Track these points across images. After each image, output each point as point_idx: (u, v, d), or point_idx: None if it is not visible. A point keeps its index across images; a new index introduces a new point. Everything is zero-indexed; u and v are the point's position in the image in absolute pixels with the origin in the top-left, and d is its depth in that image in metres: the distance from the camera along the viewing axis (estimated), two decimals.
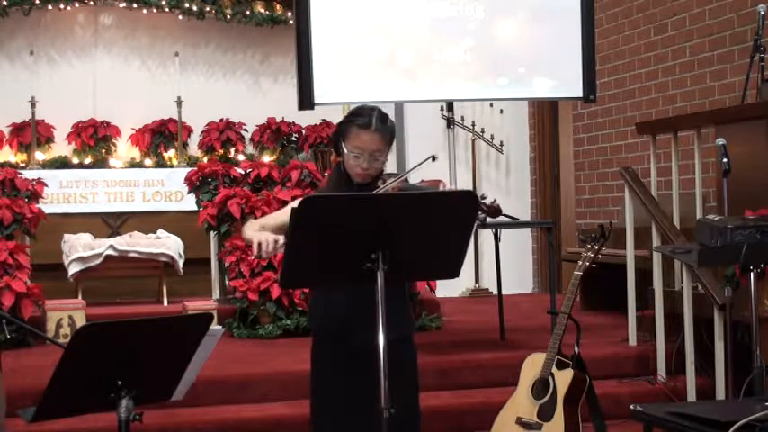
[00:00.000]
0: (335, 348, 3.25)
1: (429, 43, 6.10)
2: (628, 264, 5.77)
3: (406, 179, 3.31)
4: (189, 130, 9.85)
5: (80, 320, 6.37)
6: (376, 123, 3.18)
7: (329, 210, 2.73)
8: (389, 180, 3.24)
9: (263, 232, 3.11)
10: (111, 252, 7.59)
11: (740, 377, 4.51)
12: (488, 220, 3.46)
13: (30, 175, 7.80)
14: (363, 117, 3.20)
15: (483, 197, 3.29)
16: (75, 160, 9.49)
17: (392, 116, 3.36)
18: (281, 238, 3.03)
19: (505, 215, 3.34)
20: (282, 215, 3.20)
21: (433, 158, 3.33)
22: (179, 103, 9.42)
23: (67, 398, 2.57)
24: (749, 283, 3.71)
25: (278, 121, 9.97)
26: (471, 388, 5.33)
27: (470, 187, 8.51)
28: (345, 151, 3.20)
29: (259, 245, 3.03)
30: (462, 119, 8.59)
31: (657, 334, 5.45)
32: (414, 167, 3.30)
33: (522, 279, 9.03)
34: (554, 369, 4.32)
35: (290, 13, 9.18)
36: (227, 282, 7.12)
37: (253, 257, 5.22)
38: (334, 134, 3.34)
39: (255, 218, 6.91)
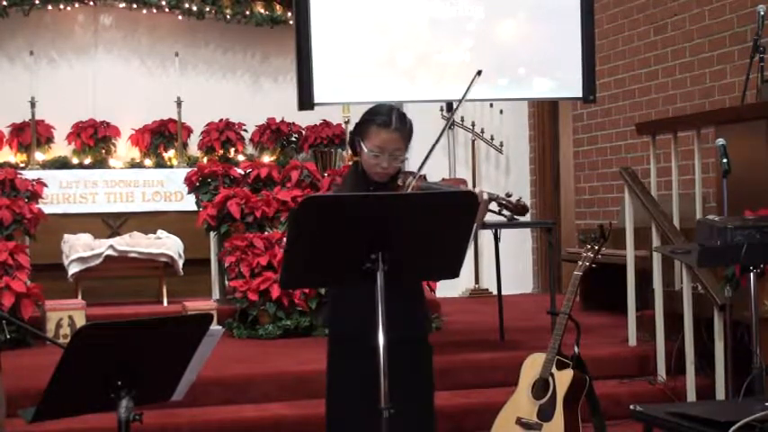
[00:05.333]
0: (354, 348, 3.24)
1: (429, 43, 6.10)
2: (628, 264, 5.77)
3: (424, 177, 3.30)
4: (189, 131, 9.85)
5: (80, 321, 6.36)
6: (395, 122, 3.18)
7: (329, 210, 2.73)
8: (409, 179, 3.24)
9: None
10: (110, 252, 7.59)
11: (740, 377, 4.51)
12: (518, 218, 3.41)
13: (29, 175, 7.80)
14: (382, 116, 3.19)
15: (509, 195, 3.28)
16: (75, 160, 9.49)
17: None
18: None
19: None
20: None
21: (479, 73, 3.27)
22: (179, 103, 9.42)
23: (67, 398, 2.57)
24: (749, 284, 3.70)
25: (278, 121, 9.97)
26: (471, 388, 5.33)
27: (470, 187, 8.49)
28: (365, 150, 3.19)
29: None
30: (462, 119, 8.60)
31: (657, 334, 5.45)
32: (469, 86, 3.24)
33: (521, 279, 9.03)
34: (554, 369, 4.32)
35: (289, 14, 9.18)
36: (226, 282, 7.12)
37: None
38: (351, 134, 3.33)
39: (255, 218, 6.95)
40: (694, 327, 5.19)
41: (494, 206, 3.28)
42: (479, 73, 3.32)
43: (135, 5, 9.69)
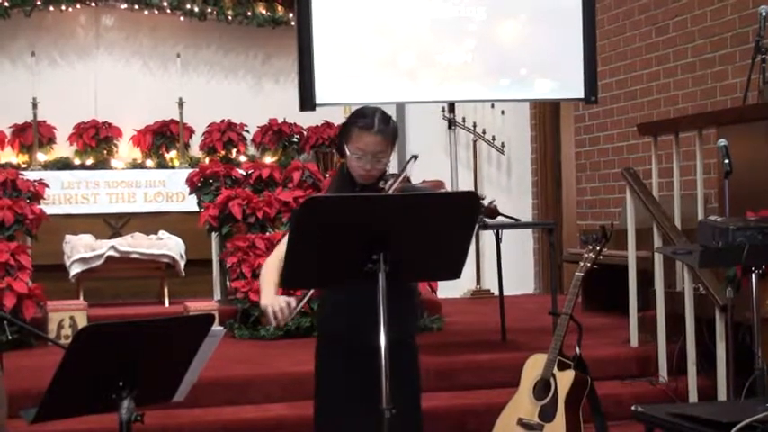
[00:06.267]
0: (342, 349, 3.25)
1: (430, 44, 6.10)
2: (629, 265, 5.77)
3: (408, 179, 3.32)
4: (190, 131, 9.85)
5: (81, 321, 6.37)
6: (378, 125, 3.19)
7: (330, 211, 2.73)
8: (390, 181, 3.25)
9: (275, 297, 3.11)
10: (112, 253, 7.59)
11: (742, 378, 4.51)
12: (488, 220, 3.46)
13: (31, 176, 7.80)
14: (365, 118, 3.21)
15: (482, 198, 3.30)
16: (77, 161, 9.48)
17: (393, 117, 3.38)
18: (293, 301, 3.08)
19: (506, 216, 3.35)
20: None
21: (415, 158, 3.37)
22: (180, 104, 9.42)
23: (69, 399, 2.58)
24: (750, 284, 3.70)
25: (279, 122, 9.97)
26: (472, 389, 5.33)
27: (472, 188, 8.50)
28: (348, 153, 3.21)
29: (274, 314, 3.06)
30: (464, 120, 8.60)
31: (659, 335, 5.45)
32: (403, 169, 3.32)
33: (523, 280, 9.02)
34: (555, 370, 4.32)
35: (291, 14, 9.17)
36: (228, 283, 7.12)
37: (271, 326, 5.31)
38: (337, 136, 3.35)
39: (257, 218, 6.94)
40: (696, 327, 5.20)
41: None
42: (415, 158, 3.41)
43: (136, 6, 9.69)
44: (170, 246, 7.75)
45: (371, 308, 2.78)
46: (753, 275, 3.66)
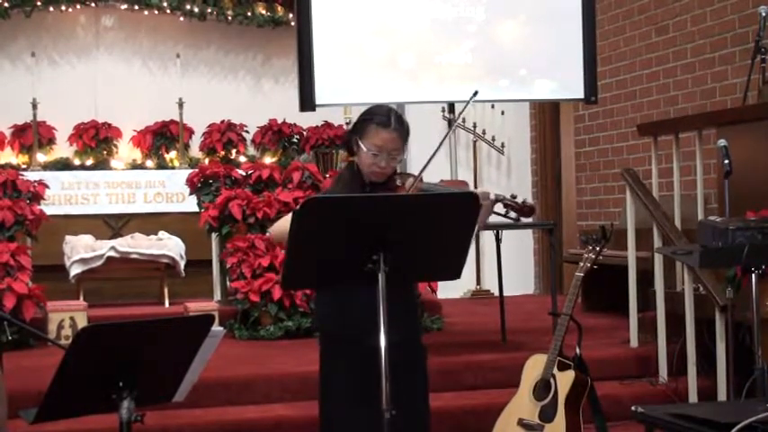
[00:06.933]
0: (347, 349, 3.24)
1: (430, 45, 6.10)
2: (629, 265, 5.77)
3: (421, 179, 3.31)
4: (190, 132, 9.85)
5: (82, 322, 6.36)
6: (394, 122, 3.21)
7: (330, 211, 2.73)
8: (409, 180, 3.25)
9: None
10: (112, 253, 7.58)
11: (742, 378, 4.51)
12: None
13: (31, 176, 7.80)
14: (382, 116, 3.22)
15: (514, 197, 3.29)
16: (77, 162, 9.49)
17: None
18: None
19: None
20: None
21: (476, 93, 3.35)
22: (180, 104, 9.42)
23: (69, 399, 2.58)
24: (750, 285, 3.70)
25: (279, 122, 9.97)
26: (472, 389, 5.33)
27: (472, 188, 8.49)
28: (364, 149, 3.20)
29: None
30: (464, 120, 8.60)
31: (659, 335, 5.44)
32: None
33: (523, 280, 9.02)
34: (555, 370, 4.32)
35: (291, 15, 9.18)
36: (228, 283, 7.12)
37: None
38: (349, 133, 3.34)
39: (257, 219, 6.94)
40: (696, 328, 5.19)
41: (500, 208, 3.29)
42: (476, 93, 3.41)
43: (136, 7, 9.69)
44: (170, 246, 7.75)
45: (374, 308, 2.77)
46: (753, 275, 3.66)
